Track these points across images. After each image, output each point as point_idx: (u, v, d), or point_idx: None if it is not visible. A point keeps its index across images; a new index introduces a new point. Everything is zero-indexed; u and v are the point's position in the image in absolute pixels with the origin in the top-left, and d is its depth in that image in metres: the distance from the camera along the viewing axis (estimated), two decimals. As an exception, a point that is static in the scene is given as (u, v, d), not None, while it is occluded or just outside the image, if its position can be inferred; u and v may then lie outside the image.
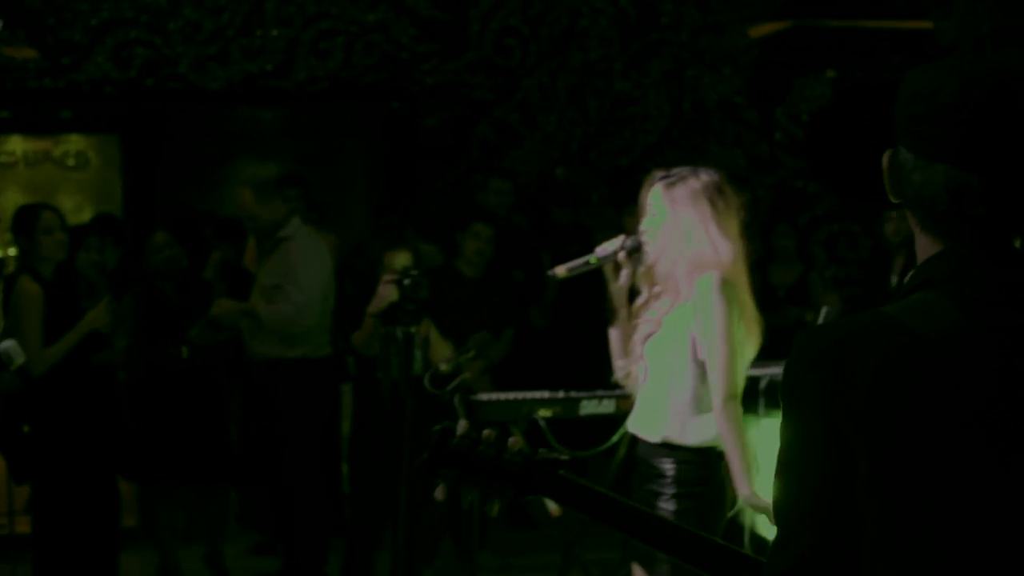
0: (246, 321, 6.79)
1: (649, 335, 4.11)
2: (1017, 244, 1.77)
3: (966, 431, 1.63)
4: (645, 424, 4.14)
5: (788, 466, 1.70)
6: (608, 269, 4.16)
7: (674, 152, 9.88)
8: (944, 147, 1.71)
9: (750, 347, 4.11)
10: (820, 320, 6.30)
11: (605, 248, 4.15)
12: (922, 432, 1.63)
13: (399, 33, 9.60)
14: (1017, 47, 6.61)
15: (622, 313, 4.18)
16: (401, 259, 5.98)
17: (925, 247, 1.78)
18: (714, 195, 4.07)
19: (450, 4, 9.65)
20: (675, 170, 4.12)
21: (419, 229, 8.09)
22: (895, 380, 1.64)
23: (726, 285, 3.98)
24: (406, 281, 5.46)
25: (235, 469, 7.16)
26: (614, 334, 4.22)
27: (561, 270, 4.14)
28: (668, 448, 4.06)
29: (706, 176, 4.09)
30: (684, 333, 4.03)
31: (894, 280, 8.32)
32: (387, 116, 9.93)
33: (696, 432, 4.06)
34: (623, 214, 7.98)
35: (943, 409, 1.64)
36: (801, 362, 1.72)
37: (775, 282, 8.67)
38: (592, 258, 4.16)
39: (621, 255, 4.13)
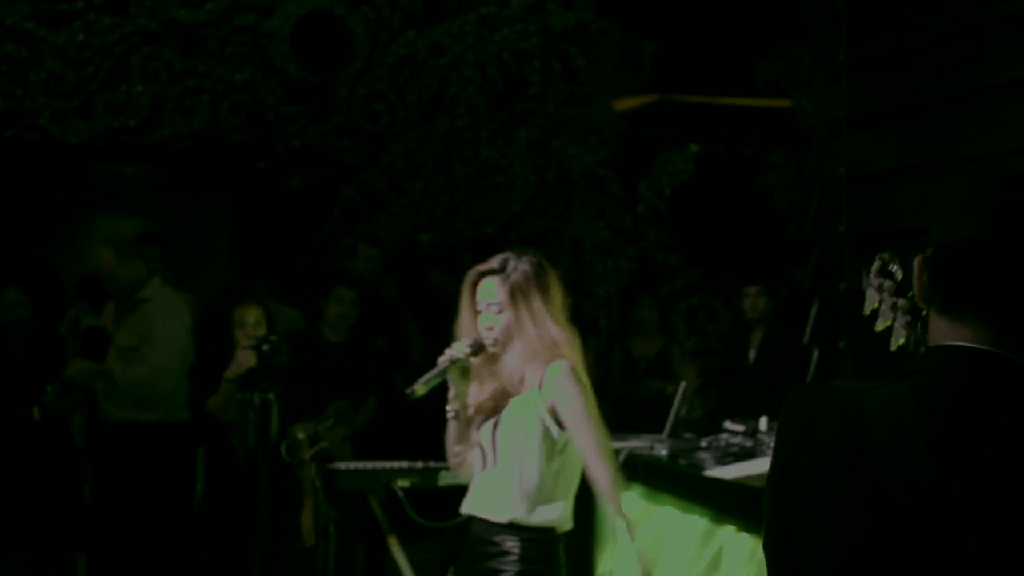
0: (101, 383, 6.65)
1: (486, 421, 4.14)
2: None
3: (877, 519, 1.79)
4: (489, 505, 4.14)
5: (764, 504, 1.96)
6: (455, 371, 4.14)
7: (539, 221, 9.96)
8: (979, 219, 1.82)
9: None
10: (679, 394, 6.33)
11: (452, 352, 4.13)
12: (838, 497, 1.82)
13: (266, 94, 9.55)
14: (871, 132, 6.80)
15: (462, 412, 4.20)
16: (252, 315, 5.91)
17: (937, 332, 1.89)
18: (543, 280, 4.10)
19: (318, 67, 9.64)
20: (498, 262, 4.12)
21: (281, 293, 8.01)
22: (830, 446, 1.84)
23: (575, 371, 4.04)
24: (264, 346, 5.40)
25: (85, 533, 6.98)
26: (454, 428, 4.22)
27: (419, 387, 4.11)
28: (513, 528, 4.09)
29: (534, 263, 4.11)
30: (532, 418, 4.06)
31: (751, 354, 8.46)
32: (252, 176, 9.86)
33: (542, 514, 4.10)
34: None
35: (860, 486, 1.80)
36: (780, 416, 1.94)
37: (637, 354, 8.76)
38: (448, 365, 4.11)
39: (469, 356, 4.12)
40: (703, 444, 5.97)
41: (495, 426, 4.12)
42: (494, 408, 4.14)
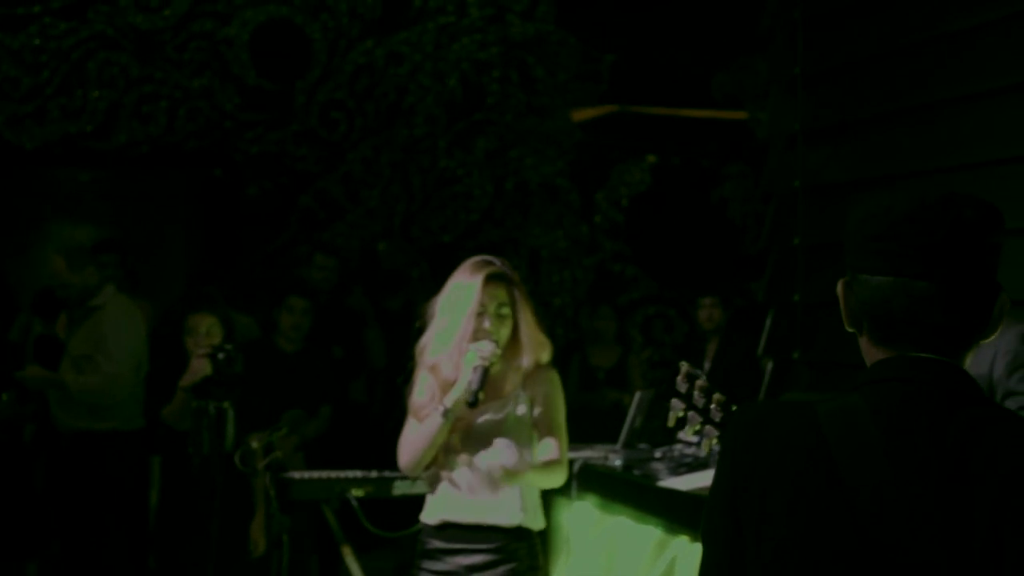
0: (54, 392, 6.60)
1: (469, 430, 4.17)
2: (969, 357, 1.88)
3: (836, 536, 1.80)
4: (493, 511, 4.15)
5: (703, 527, 1.96)
6: (481, 376, 4.09)
7: (496, 231, 9.97)
8: (900, 260, 1.83)
9: None
10: (633, 405, 6.35)
11: (483, 358, 4.06)
12: (796, 516, 1.83)
13: (224, 101, 9.52)
14: (825, 146, 6.85)
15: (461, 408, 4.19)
16: (205, 323, 5.89)
17: (874, 356, 1.92)
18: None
19: (277, 74, 9.62)
20: (501, 265, 4.15)
21: (237, 301, 7.98)
22: (787, 459, 1.85)
23: (557, 378, 4.25)
24: (220, 355, 5.38)
25: (36, 542, 6.93)
26: (435, 425, 4.16)
27: (481, 394, 4.04)
28: (522, 533, 4.17)
29: (512, 268, 4.22)
30: (529, 425, 4.19)
31: (706, 366, 8.49)
32: (209, 183, 9.82)
33: (537, 517, 4.25)
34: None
35: (819, 496, 1.82)
36: (726, 432, 1.97)
37: (594, 364, 8.78)
38: (480, 369, 4.04)
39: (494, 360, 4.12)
40: (657, 455, 6.00)
41: (492, 436, 4.17)
42: (478, 414, 4.17)
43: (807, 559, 1.82)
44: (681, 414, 3.23)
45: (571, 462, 5.81)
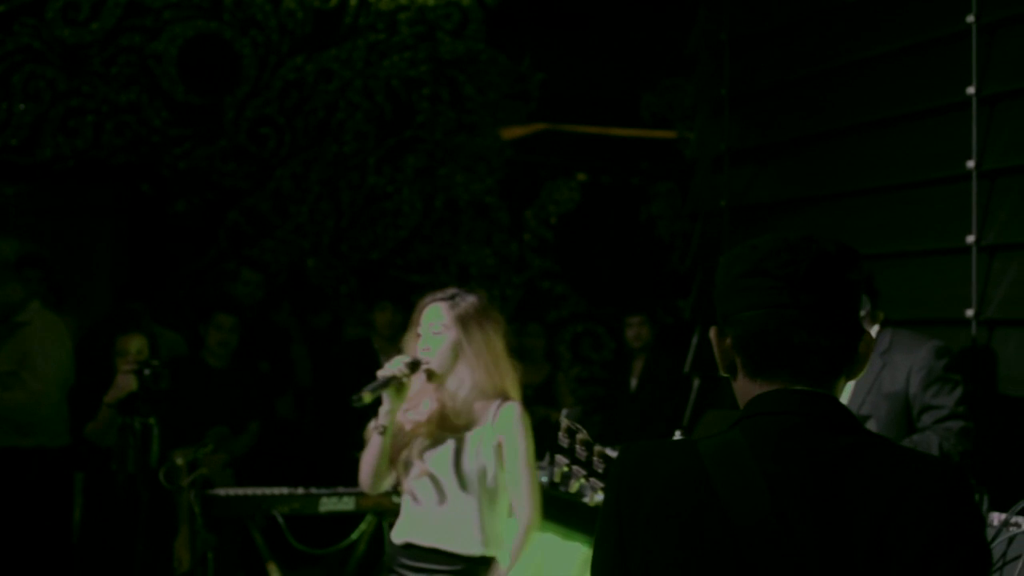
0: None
1: (431, 449, 4.22)
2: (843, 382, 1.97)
3: (721, 568, 1.83)
4: (445, 537, 4.21)
5: (593, 563, 1.97)
6: (392, 389, 4.19)
7: (425, 248, 9.98)
8: (768, 292, 1.93)
9: None
10: (562, 423, 6.38)
11: (390, 368, 4.18)
12: (681, 553, 1.85)
13: (152, 115, 9.47)
14: (750, 166, 6.94)
15: (389, 429, 4.23)
16: (135, 344, 5.86)
17: (750, 393, 1.98)
18: (490, 316, 4.26)
19: (205, 89, 9.58)
20: (447, 292, 4.26)
21: (164, 316, 7.93)
22: (670, 505, 1.88)
23: (525, 415, 4.25)
24: (146, 371, 5.36)
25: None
26: (376, 444, 4.24)
27: (366, 395, 4.13)
28: (473, 562, 4.20)
29: (477, 298, 4.25)
30: (488, 455, 4.19)
31: (633, 383, 8.56)
32: (136, 198, 9.74)
33: (494, 547, 4.25)
34: (373, 309, 8.01)
35: (705, 532, 1.85)
36: (608, 481, 1.99)
37: (523, 382, 8.79)
38: (388, 378, 4.16)
39: (407, 372, 4.19)
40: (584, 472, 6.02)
41: (452, 458, 4.20)
42: (434, 435, 4.22)
43: None
44: (566, 469, 3.27)
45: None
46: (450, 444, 4.21)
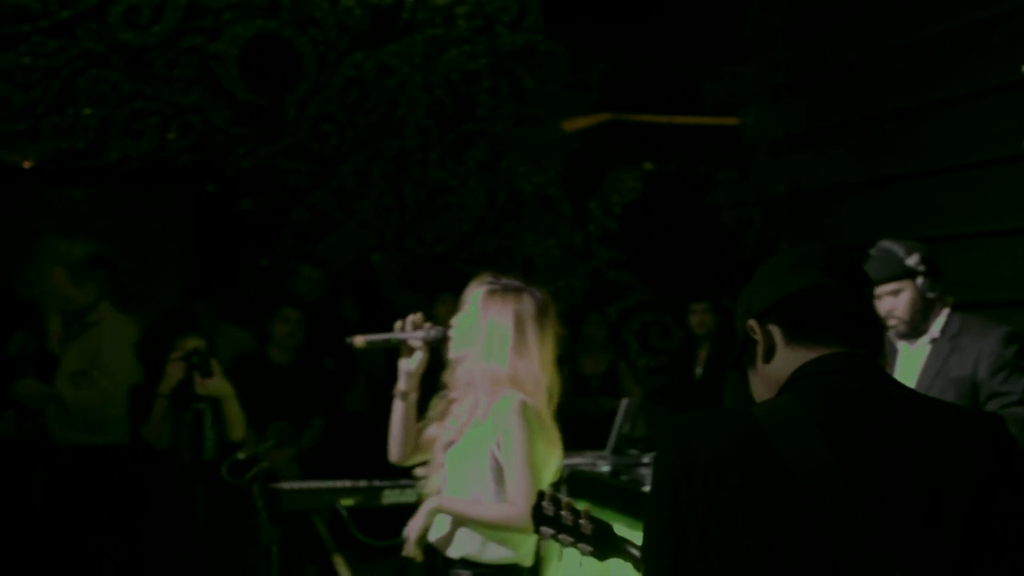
0: (51, 406, 6.64)
1: (450, 443, 4.02)
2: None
3: (784, 519, 1.87)
4: (443, 536, 4.04)
5: (645, 545, 2.00)
6: (404, 349, 4.11)
7: (489, 240, 10.00)
8: (811, 271, 2.07)
9: (552, 466, 4.00)
10: (621, 411, 6.38)
11: (407, 332, 4.11)
12: (742, 510, 1.88)
13: (215, 115, 9.56)
14: (808, 151, 6.89)
15: (410, 396, 4.15)
16: (192, 345, 5.93)
17: (795, 364, 2.05)
18: (533, 316, 3.95)
19: (267, 89, 9.66)
20: (506, 279, 4.02)
21: (232, 314, 8.02)
22: (728, 462, 1.91)
23: (525, 409, 3.86)
24: (194, 358, 5.43)
25: (35, 558, 6.95)
26: (398, 410, 4.15)
27: (359, 340, 4.12)
28: (466, 564, 3.99)
29: (531, 296, 3.99)
30: (484, 451, 3.92)
31: (698, 371, 8.51)
32: (201, 198, 9.86)
33: (495, 550, 3.98)
34: (434, 301, 8.04)
35: (766, 493, 1.88)
36: (658, 453, 2.01)
37: (586, 372, 8.79)
38: (392, 338, 4.13)
39: (418, 342, 4.10)
40: (645, 460, 6.03)
41: (462, 453, 3.99)
42: (457, 429, 4.00)
43: (760, 556, 1.87)
44: (552, 540, 3.17)
45: (560, 468, 5.85)
46: (463, 438, 3.99)
